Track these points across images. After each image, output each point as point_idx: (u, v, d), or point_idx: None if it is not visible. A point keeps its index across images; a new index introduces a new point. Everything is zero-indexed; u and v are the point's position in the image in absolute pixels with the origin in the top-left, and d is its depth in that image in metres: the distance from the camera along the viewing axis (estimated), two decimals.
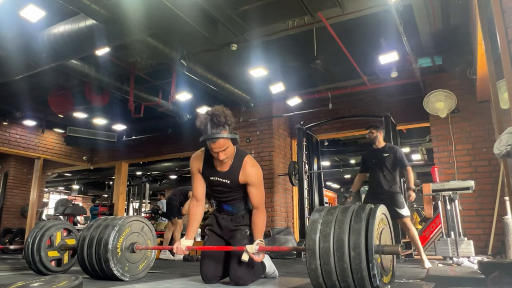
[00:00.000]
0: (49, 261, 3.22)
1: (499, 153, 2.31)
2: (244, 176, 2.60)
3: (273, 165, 7.31)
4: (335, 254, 1.86)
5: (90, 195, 18.86)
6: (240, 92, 6.95)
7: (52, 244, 3.27)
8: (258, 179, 2.64)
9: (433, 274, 2.91)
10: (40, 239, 3.16)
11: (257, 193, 2.63)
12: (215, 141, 2.42)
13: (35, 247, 3.13)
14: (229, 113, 2.49)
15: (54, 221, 3.40)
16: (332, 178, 15.40)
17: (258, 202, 2.63)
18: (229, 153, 2.52)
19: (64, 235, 3.39)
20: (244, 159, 2.62)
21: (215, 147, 2.44)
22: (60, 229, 3.35)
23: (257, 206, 2.64)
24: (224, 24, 4.78)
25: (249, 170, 2.60)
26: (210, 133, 2.41)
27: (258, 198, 2.64)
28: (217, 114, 2.43)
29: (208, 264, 2.66)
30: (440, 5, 4.72)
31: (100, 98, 6.77)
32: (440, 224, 5.09)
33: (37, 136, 9.28)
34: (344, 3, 4.53)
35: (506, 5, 2.33)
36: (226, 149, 2.48)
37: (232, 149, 2.55)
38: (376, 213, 1.93)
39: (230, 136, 2.45)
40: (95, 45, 4.65)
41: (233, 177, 2.62)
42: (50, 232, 3.24)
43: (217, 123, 2.42)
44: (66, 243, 3.34)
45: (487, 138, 5.81)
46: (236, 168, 2.61)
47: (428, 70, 6.11)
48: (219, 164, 2.62)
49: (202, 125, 2.45)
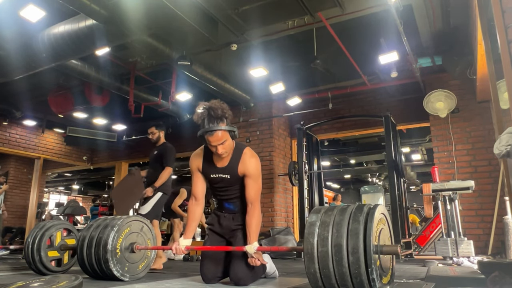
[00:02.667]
0: (49, 261, 3.22)
1: (499, 153, 2.31)
2: (243, 167, 2.56)
3: (273, 165, 7.31)
4: (334, 259, 1.85)
5: (90, 195, 18.85)
6: (240, 92, 6.95)
7: (52, 244, 3.27)
8: (257, 171, 2.59)
9: (433, 274, 2.90)
10: (40, 239, 3.16)
11: (253, 185, 2.57)
12: (213, 134, 2.40)
13: (35, 247, 3.13)
14: (226, 107, 2.47)
15: (54, 221, 3.39)
16: (332, 178, 15.40)
17: (253, 196, 2.57)
18: (227, 147, 2.49)
19: (64, 235, 3.39)
20: (243, 150, 2.59)
21: (213, 140, 2.42)
22: (60, 229, 3.35)
23: (252, 200, 2.57)
24: (224, 24, 4.78)
25: (248, 160, 2.57)
26: (208, 126, 2.40)
27: (254, 191, 2.58)
28: (214, 108, 2.41)
29: (208, 264, 2.65)
30: (440, 5, 4.72)
31: (100, 98, 6.77)
32: (440, 224, 5.09)
33: (37, 136, 9.28)
34: (344, 3, 4.53)
35: (506, 5, 2.33)
36: (224, 143, 2.45)
37: (230, 143, 2.52)
38: (375, 214, 1.91)
39: (228, 129, 2.43)
40: (95, 45, 4.65)
41: (233, 171, 2.58)
42: (50, 232, 3.24)
43: (214, 116, 2.40)
44: (66, 243, 3.34)
45: (487, 138, 5.81)
46: (235, 161, 2.58)
47: (428, 70, 6.11)
48: (219, 160, 2.60)
49: (199, 120, 2.44)
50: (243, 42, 5.34)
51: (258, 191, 2.62)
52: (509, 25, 2.28)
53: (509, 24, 2.28)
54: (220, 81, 6.24)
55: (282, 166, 7.49)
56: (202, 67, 5.74)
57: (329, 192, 14.99)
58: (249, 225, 2.53)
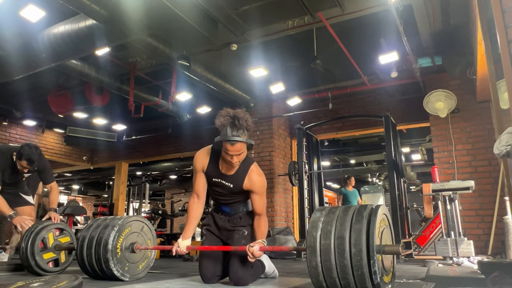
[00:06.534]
0: (45, 263, 3.20)
1: (499, 153, 2.31)
2: (249, 184, 2.58)
3: (273, 165, 7.31)
4: (336, 251, 1.87)
5: (90, 195, 18.84)
6: (240, 92, 6.95)
7: (46, 246, 3.22)
8: (263, 188, 2.63)
9: (433, 274, 2.90)
10: (32, 243, 3.11)
11: (260, 201, 2.61)
12: (234, 144, 2.37)
13: (28, 252, 3.10)
14: (249, 118, 2.46)
15: (44, 222, 3.31)
16: (332, 178, 15.40)
17: (261, 210, 2.62)
18: (242, 158, 2.50)
19: (56, 234, 3.33)
20: (250, 166, 2.59)
21: (232, 150, 2.39)
22: (51, 230, 3.28)
23: (260, 213, 2.62)
24: (224, 24, 4.78)
25: (255, 178, 2.58)
26: (231, 134, 2.36)
27: (261, 206, 2.62)
28: (240, 117, 2.38)
29: (207, 264, 2.65)
30: (440, 5, 4.72)
31: (100, 98, 6.77)
32: (440, 224, 5.09)
33: (37, 136, 9.28)
34: (344, 3, 4.53)
35: (506, 5, 2.33)
36: (241, 154, 2.45)
37: (245, 154, 2.53)
38: (378, 212, 1.93)
39: (248, 142, 2.44)
40: (95, 45, 4.65)
41: (238, 183, 2.59)
42: (41, 235, 3.18)
43: (238, 126, 2.37)
44: (60, 242, 3.31)
45: (487, 138, 5.81)
46: (242, 174, 2.58)
47: (428, 70, 6.11)
48: (225, 167, 2.59)
49: (222, 125, 2.40)
50: (243, 42, 5.34)
51: (265, 205, 2.66)
52: (509, 25, 2.28)
53: (509, 24, 2.28)
54: (220, 81, 6.24)
55: (282, 166, 7.49)
56: (202, 67, 5.74)
57: (329, 192, 15.00)
58: (259, 228, 2.60)
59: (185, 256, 5.68)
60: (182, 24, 4.27)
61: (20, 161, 3.47)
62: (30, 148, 3.46)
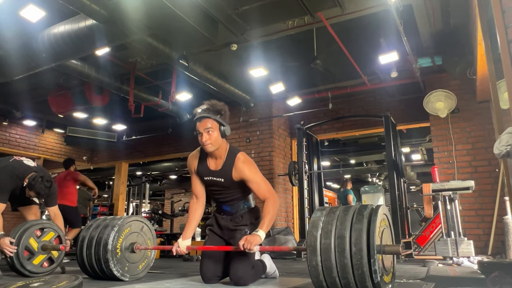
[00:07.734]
0: (40, 266, 3.20)
1: (499, 153, 2.31)
2: (237, 173, 2.55)
3: (273, 165, 7.31)
4: (336, 250, 1.87)
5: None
6: (240, 92, 6.95)
7: (32, 252, 3.20)
8: (253, 173, 2.55)
9: (433, 274, 2.91)
10: (17, 256, 3.08)
11: (257, 186, 2.54)
12: (202, 120, 2.46)
13: (17, 265, 3.09)
14: (224, 106, 2.56)
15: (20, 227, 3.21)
16: (332, 178, 15.39)
17: (263, 193, 2.51)
18: (213, 139, 2.48)
19: (38, 235, 3.29)
20: (236, 155, 2.57)
21: (200, 125, 2.47)
22: (31, 234, 3.23)
23: (265, 197, 2.50)
24: (224, 24, 4.77)
25: (241, 166, 2.54)
26: (197, 113, 2.49)
27: (262, 190, 2.53)
28: (213, 103, 2.52)
29: (208, 264, 2.65)
30: (440, 5, 4.72)
31: (100, 98, 6.77)
32: (440, 224, 5.09)
33: (37, 136, 9.27)
34: (344, 3, 4.53)
35: (506, 5, 2.33)
36: (211, 132, 2.46)
37: (218, 137, 2.50)
38: (378, 212, 1.94)
39: (218, 119, 2.48)
40: (95, 45, 4.64)
41: (227, 175, 2.58)
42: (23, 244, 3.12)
43: (206, 106, 2.51)
44: (45, 241, 3.29)
45: (487, 138, 5.81)
46: (229, 166, 2.57)
47: (428, 70, 6.11)
48: (213, 163, 2.61)
49: (195, 111, 2.53)
50: (243, 42, 5.34)
51: (265, 187, 2.55)
52: (509, 25, 2.28)
53: (509, 24, 2.28)
54: (220, 81, 6.24)
55: (282, 166, 7.49)
56: (202, 67, 5.74)
57: (329, 192, 15.00)
58: (264, 216, 2.45)
59: (185, 256, 5.68)
60: (182, 24, 4.27)
61: (29, 191, 3.40)
62: (42, 181, 3.36)
